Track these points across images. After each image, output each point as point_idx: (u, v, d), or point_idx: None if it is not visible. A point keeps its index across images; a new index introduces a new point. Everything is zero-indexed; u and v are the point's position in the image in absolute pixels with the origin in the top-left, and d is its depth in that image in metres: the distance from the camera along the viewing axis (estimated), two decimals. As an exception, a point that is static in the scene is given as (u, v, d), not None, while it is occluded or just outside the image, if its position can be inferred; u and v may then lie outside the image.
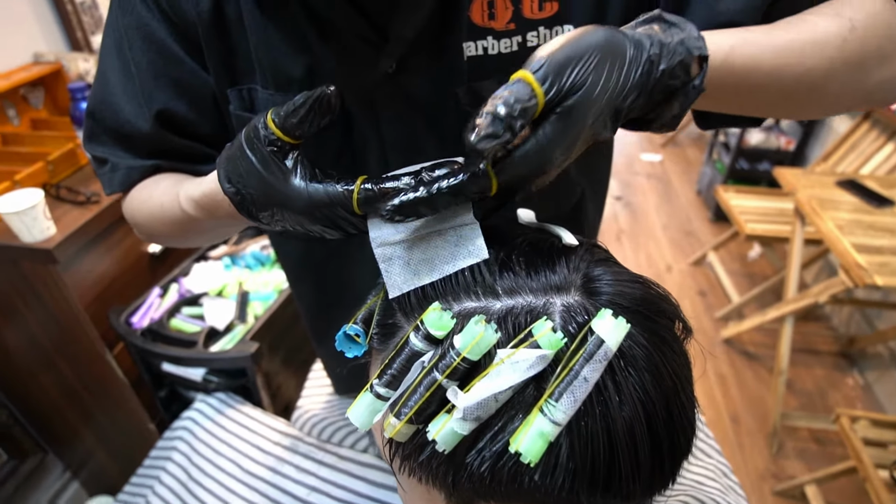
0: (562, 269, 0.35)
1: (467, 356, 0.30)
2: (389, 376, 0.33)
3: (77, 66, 1.47)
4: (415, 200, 0.34)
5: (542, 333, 0.29)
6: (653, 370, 0.32)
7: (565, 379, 0.29)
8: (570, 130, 0.31)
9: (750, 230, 2.15)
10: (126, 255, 1.25)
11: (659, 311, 0.34)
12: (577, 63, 0.31)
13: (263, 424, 1.02)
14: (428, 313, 0.32)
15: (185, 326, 1.19)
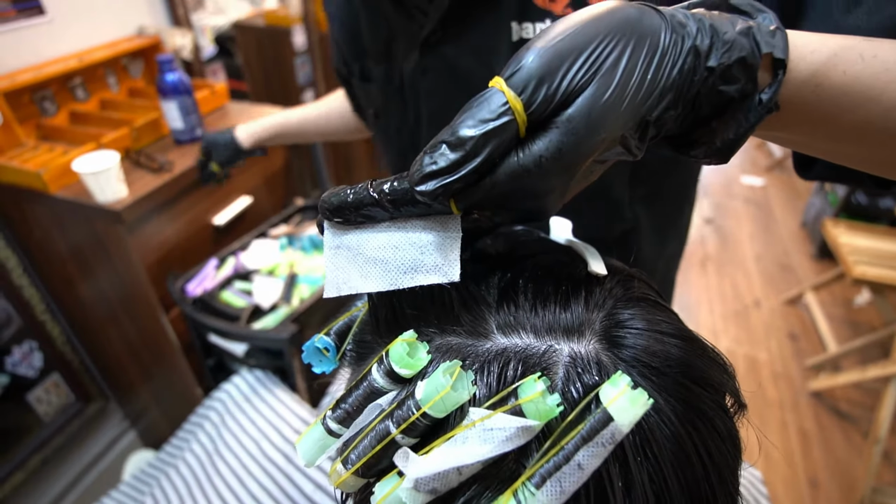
0: (577, 304, 0.27)
1: (428, 412, 0.23)
2: (343, 411, 0.28)
3: (174, 41, 1.54)
4: (356, 202, 0.26)
5: (531, 398, 0.22)
6: (679, 458, 0.24)
7: (552, 460, 0.22)
8: (567, 149, 0.23)
9: (859, 273, 1.88)
10: (191, 223, 1.29)
11: (702, 379, 0.26)
12: (578, 57, 0.23)
13: (289, 409, 1.00)
14: (394, 345, 0.26)
15: (234, 300, 1.21)
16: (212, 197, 1.34)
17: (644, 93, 0.23)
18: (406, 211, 0.26)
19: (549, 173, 0.23)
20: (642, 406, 0.22)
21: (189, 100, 1.25)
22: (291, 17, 2.13)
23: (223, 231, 1.38)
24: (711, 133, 0.26)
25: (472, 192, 0.24)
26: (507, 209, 0.25)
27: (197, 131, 1.31)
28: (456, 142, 0.23)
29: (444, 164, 0.23)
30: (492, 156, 0.23)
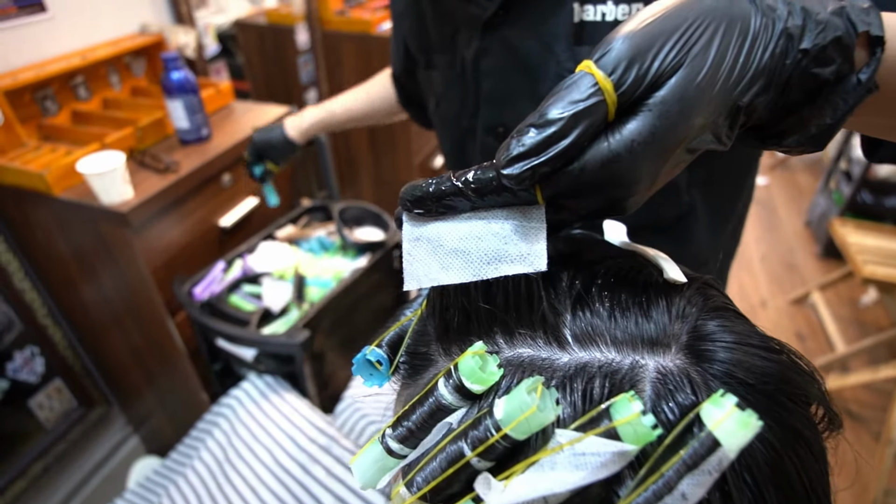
0: (660, 315, 0.25)
1: (510, 433, 0.21)
2: (406, 430, 0.25)
3: (177, 39, 1.52)
4: (437, 192, 0.26)
5: (627, 419, 0.20)
6: (780, 483, 0.22)
7: (651, 488, 0.20)
8: (660, 133, 0.22)
9: (869, 273, 1.87)
10: (197, 225, 1.27)
11: (797, 394, 0.24)
12: (669, 40, 0.22)
13: (303, 417, 0.98)
14: (464, 358, 0.24)
15: (243, 304, 1.18)
16: (218, 198, 1.31)
17: (736, 76, 0.23)
18: (490, 200, 0.25)
19: (641, 159, 0.22)
20: (752, 429, 0.20)
21: (195, 99, 1.23)
22: (294, 16, 2.10)
23: (230, 233, 1.35)
24: (802, 120, 0.25)
25: (558, 178, 0.23)
26: (593, 198, 0.24)
27: (203, 131, 1.29)
28: (544, 123, 0.22)
29: (531, 146, 0.22)
30: (581, 138, 0.22)
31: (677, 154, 0.23)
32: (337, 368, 1.31)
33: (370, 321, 1.39)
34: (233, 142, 1.31)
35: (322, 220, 1.49)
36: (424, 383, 0.28)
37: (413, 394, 0.29)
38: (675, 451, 0.20)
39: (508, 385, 0.24)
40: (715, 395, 0.21)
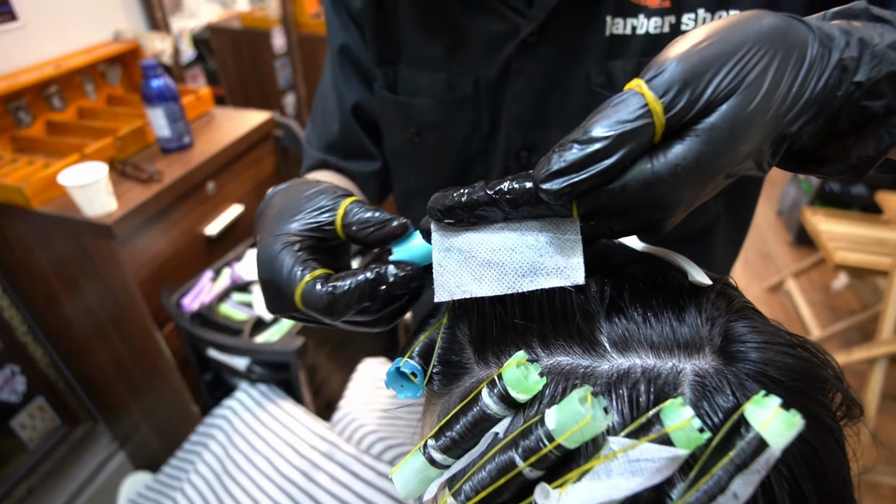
0: (692, 318, 0.26)
1: (563, 443, 0.22)
2: (449, 440, 0.26)
3: (153, 45, 1.49)
4: (469, 202, 0.26)
5: (680, 425, 0.21)
6: (816, 475, 0.23)
7: (703, 489, 0.21)
8: (706, 159, 0.22)
9: (840, 259, 1.94)
10: (183, 235, 1.25)
11: (822, 388, 0.25)
12: (725, 65, 0.22)
13: (302, 424, 0.98)
14: (509, 367, 0.24)
15: (234, 313, 1.17)
16: (203, 207, 1.29)
17: (787, 105, 0.22)
18: (524, 212, 0.25)
19: (683, 184, 0.22)
20: (796, 428, 0.21)
21: (176, 106, 1.21)
22: (270, 20, 2.08)
23: (216, 241, 1.33)
24: (845, 149, 0.25)
25: (597, 195, 0.23)
26: (628, 217, 0.24)
27: (185, 139, 1.26)
28: (587, 140, 0.22)
29: (573, 161, 0.22)
30: (624, 159, 0.22)
31: (718, 179, 0.23)
32: (329, 375, 1.30)
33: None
34: (215, 149, 1.29)
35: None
36: (461, 392, 0.29)
37: (448, 402, 0.29)
38: (723, 452, 0.21)
39: (553, 394, 0.24)
40: (757, 395, 0.22)
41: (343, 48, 0.60)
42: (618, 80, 0.50)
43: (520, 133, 0.55)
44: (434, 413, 0.30)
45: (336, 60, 0.62)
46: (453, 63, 0.55)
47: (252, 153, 1.43)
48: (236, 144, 1.35)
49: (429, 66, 0.56)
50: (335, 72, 0.63)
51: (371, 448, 0.89)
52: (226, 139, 1.33)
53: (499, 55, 0.51)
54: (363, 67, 0.61)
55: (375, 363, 1.10)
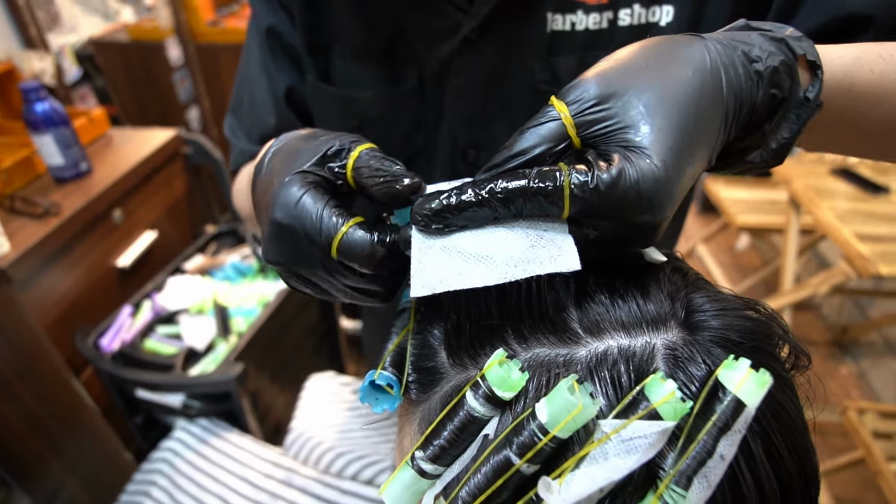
0: (656, 295, 0.27)
1: (558, 434, 0.22)
2: (437, 448, 0.25)
3: (31, 65, 1.35)
4: (460, 203, 0.26)
5: (665, 399, 0.22)
6: (783, 426, 0.25)
7: (692, 454, 0.22)
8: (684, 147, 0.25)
9: (742, 221, 2.12)
10: (91, 270, 1.14)
11: (775, 343, 0.27)
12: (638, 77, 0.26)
13: (253, 455, 0.93)
14: (491, 367, 0.24)
15: (161, 348, 1.09)
16: (111, 237, 1.19)
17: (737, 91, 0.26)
18: (515, 211, 0.26)
19: (672, 177, 0.24)
20: (766, 385, 0.22)
21: (67, 131, 1.10)
22: (162, 30, 1.95)
23: (130, 273, 1.23)
24: (763, 136, 0.28)
25: (590, 196, 0.24)
26: (619, 222, 0.25)
27: (81, 165, 1.16)
28: (511, 142, 0.27)
29: (503, 158, 0.26)
30: (543, 154, 0.26)
31: (696, 168, 0.26)
32: (273, 398, 1.25)
33: (300, 341, 1.34)
34: (118, 174, 1.19)
35: (233, 245, 1.40)
36: (440, 397, 0.28)
37: (429, 409, 0.28)
38: (705, 417, 0.22)
39: (538, 386, 0.24)
40: (728, 360, 0.23)
41: (272, 31, 0.57)
42: (562, 76, 0.50)
43: (466, 130, 0.54)
44: (414, 422, 0.29)
45: (265, 45, 0.58)
46: (396, 57, 0.53)
47: (160, 175, 1.34)
48: (141, 167, 1.25)
49: (368, 58, 0.54)
50: (265, 58, 0.59)
51: (331, 466, 0.86)
52: (128, 162, 1.23)
53: (441, 51, 0.50)
54: (296, 53, 0.58)
55: (324, 378, 1.07)
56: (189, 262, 1.29)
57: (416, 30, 0.51)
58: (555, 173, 0.25)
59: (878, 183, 1.69)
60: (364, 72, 0.54)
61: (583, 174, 0.24)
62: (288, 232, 0.29)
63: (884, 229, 1.51)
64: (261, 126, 0.61)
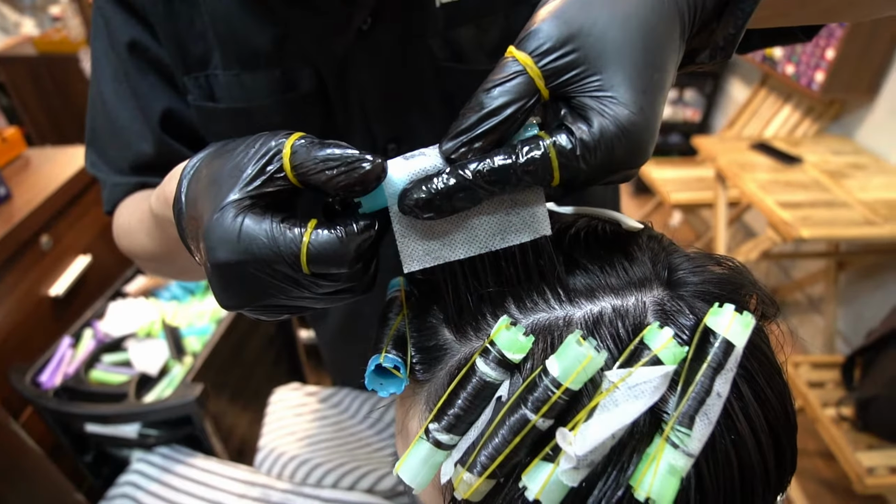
0: (640, 259, 0.29)
1: (571, 386, 0.23)
2: (452, 417, 0.26)
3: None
4: (448, 190, 0.25)
5: (665, 345, 0.23)
6: (763, 367, 0.27)
7: (692, 395, 0.23)
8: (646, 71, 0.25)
9: (675, 199, 2.24)
10: (21, 302, 1.06)
11: (746, 291, 0.30)
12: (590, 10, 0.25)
13: (223, 477, 0.89)
14: (499, 331, 0.25)
15: (110, 377, 1.02)
16: (40, 265, 1.11)
17: None
18: (504, 188, 0.25)
19: (650, 119, 0.24)
20: (750, 324, 0.24)
21: (-21, 155, 1.01)
22: (73, 41, 1.83)
23: (65, 302, 1.15)
24: (711, 34, 0.29)
25: (577, 163, 0.24)
26: (606, 172, 0.25)
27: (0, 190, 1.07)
28: (477, 105, 0.25)
29: (468, 125, 0.25)
30: (515, 114, 0.25)
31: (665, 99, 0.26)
32: (236, 417, 1.20)
33: (259, 356, 1.30)
34: (41, 197, 1.11)
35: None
36: (446, 372, 0.28)
37: (436, 385, 0.29)
38: (700, 361, 0.24)
39: (544, 346, 0.25)
40: (713, 307, 0.25)
41: (136, 47, 0.49)
42: (463, 49, 0.49)
43: (382, 126, 0.52)
44: (421, 402, 0.30)
45: (129, 63, 0.50)
46: (286, 58, 0.48)
47: (88, 195, 1.26)
48: (67, 188, 1.17)
49: (256, 65, 0.48)
50: (131, 79, 0.50)
51: (308, 478, 0.84)
52: (52, 184, 1.15)
53: (336, 46, 0.47)
54: (165, 69, 0.50)
55: (288, 391, 1.04)
56: (130, 284, 1.22)
57: (303, 29, 0.47)
58: (539, 145, 0.24)
59: (792, 154, 1.83)
60: (255, 80, 0.49)
61: (566, 140, 0.24)
62: (239, 270, 0.26)
63: (800, 196, 1.64)
64: (132, 155, 0.52)
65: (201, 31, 0.47)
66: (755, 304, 0.31)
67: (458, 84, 0.50)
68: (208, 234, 0.26)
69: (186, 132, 0.53)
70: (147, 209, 0.43)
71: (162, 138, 0.52)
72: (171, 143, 0.52)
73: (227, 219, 0.26)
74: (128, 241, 0.52)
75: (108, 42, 0.50)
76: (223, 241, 0.25)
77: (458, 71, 0.50)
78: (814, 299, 2.14)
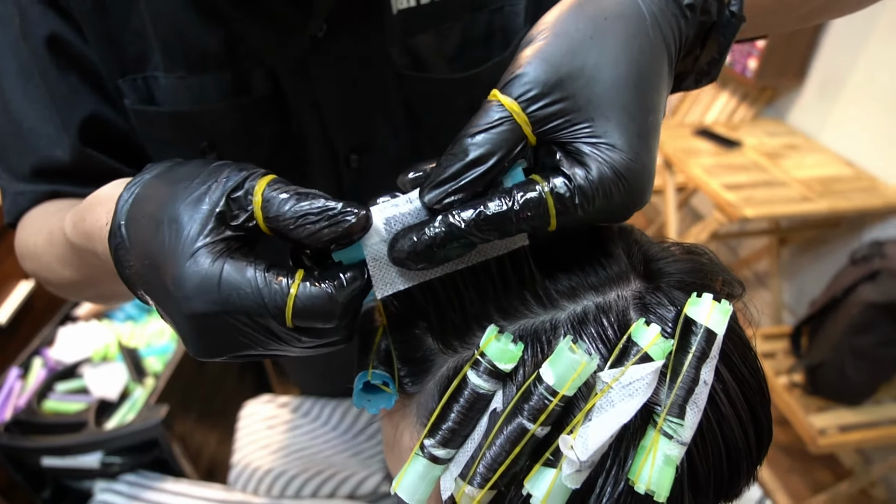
0: (616, 255, 0.29)
1: (567, 393, 0.23)
2: (447, 432, 0.26)
3: None
4: (442, 239, 0.24)
5: (653, 341, 0.24)
6: (739, 348, 0.28)
7: (680, 386, 0.24)
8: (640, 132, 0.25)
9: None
10: (-40, 335, 0.99)
11: (715, 277, 0.31)
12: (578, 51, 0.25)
13: (197, 498, 0.86)
14: (489, 342, 0.25)
15: (65, 406, 0.97)
16: (-23, 294, 1.04)
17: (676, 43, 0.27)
18: (500, 235, 0.24)
19: (646, 161, 0.25)
20: (728, 311, 0.25)
21: None
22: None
23: (10, 331, 1.08)
24: (696, 60, 0.30)
25: (574, 209, 0.24)
26: (604, 217, 0.25)
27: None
28: (461, 152, 0.24)
29: (450, 173, 0.24)
30: (500, 162, 0.24)
31: (658, 135, 0.26)
32: (204, 437, 1.16)
33: (223, 371, 1.26)
34: (-26, 220, 1.03)
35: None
36: (435, 384, 0.29)
37: (426, 398, 0.29)
38: (685, 351, 0.25)
39: (533, 353, 0.26)
40: (692, 297, 0.26)
41: (56, 41, 0.44)
42: (423, 56, 0.48)
43: (344, 135, 0.50)
44: (411, 415, 0.30)
45: (47, 59, 0.45)
46: (238, 60, 0.45)
47: (26, 215, 1.18)
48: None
49: (203, 67, 0.45)
50: (48, 78, 0.45)
51: (286, 490, 0.83)
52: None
53: (291, 51, 0.45)
54: (91, 69, 0.45)
55: (259, 404, 1.01)
56: (79, 307, 1.16)
57: (254, 34, 0.44)
58: (536, 191, 0.24)
59: (732, 138, 1.92)
60: (203, 83, 0.45)
61: (562, 187, 0.24)
62: (218, 322, 0.24)
63: (742, 178, 1.72)
64: (38, 160, 0.46)
65: (139, 29, 0.43)
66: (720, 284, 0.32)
67: (420, 92, 0.50)
68: (181, 283, 0.24)
69: (112, 140, 0.48)
70: (58, 232, 0.38)
71: (80, 146, 0.46)
72: (91, 151, 0.47)
73: (202, 266, 0.24)
74: (34, 265, 0.46)
75: (19, 33, 0.44)
76: (201, 290, 0.24)
77: (418, 79, 0.49)
78: (760, 275, 2.25)
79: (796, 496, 1.61)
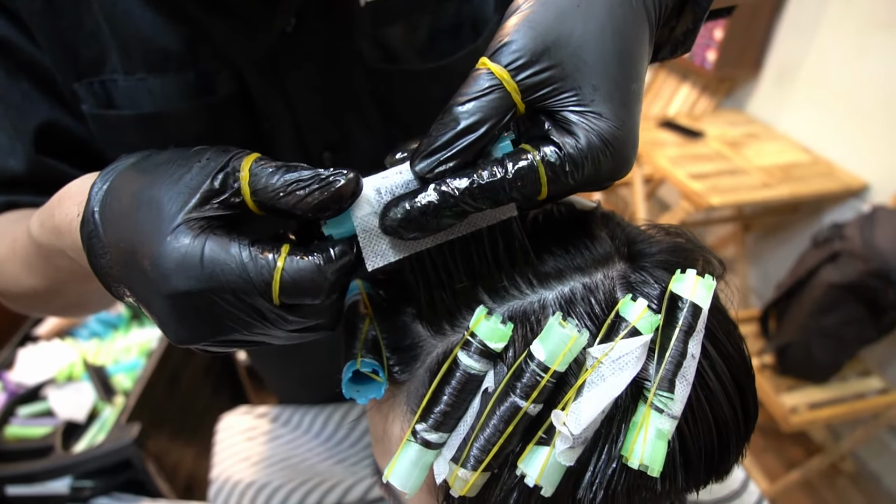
0: (600, 237, 0.29)
1: (558, 369, 0.23)
2: (440, 414, 0.25)
3: None
4: (435, 208, 0.23)
5: (641, 315, 0.24)
6: (721, 323, 0.29)
7: (668, 360, 0.24)
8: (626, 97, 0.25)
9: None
10: None
11: (695, 255, 0.31)
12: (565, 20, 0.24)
13: (175, 517, 0.83)
14: (479, 322, 0.25)
15: (29, 431, 0.92)
16: (-72, 318, 0.98)
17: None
18: (492, 203, 0.24)
19: (631, 128, 0.24)
20: (712, 285, 0.25)
21: None
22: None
23: (-36, 355, 1.03)
24: (672, 31, 0.30)
25: (565, 176, 0.24)
26: (592, 184, 0.25)
27: None
28: (452, 121, 0.24)
29: (441, 142, 0.24)
30: (491, 130, 0.24)
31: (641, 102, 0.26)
32: (180, 454, 1.12)
33: (197, 385, 1.22)
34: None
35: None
36: (425, 370, 0.28)
37: (416, 385, 0.28)
38: (672, 326, 0.25)
39: (523, 332, 0.25)
40: (676, 274, 0.26)
41: (3, 47, 0.42)
42: (393, 49, 0.48)
43: (315, 133, 0.49)
44: (402, 403, 0.29)
45: None
46: (201, 59, 0.44)
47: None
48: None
49: (164, 67, 0.43)
50: None
51: (270, 502, 0.80)
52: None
53: (258, 48, 0.44)
54: (43, 75, 0.44)
55: (237, 416, 0.99)
56: (40, 326, 1.11)
57: (218, 31, 0.43)
58: (528, 160, 0.24)
59: (695, 129, 1.97)
60: (165, 84, 0.44)
61: (553, 155, 0.24)
62: (199, 301, 0.23)
63: (706, 167, 1.77)
64: (1, 172, 0.45)
65: (93, 30, 0.42)
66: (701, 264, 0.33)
67: (392, 85, 0.49)
68: (160, 260, 0.23)
69: (70, 147, 0.46)
70: (22, 237, 0.37)
71: (36, 155, 0.44)
72: (48, 160, 0.45)
73: (183, 242, 0.23)
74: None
75: None
76: (183, 267, 0.22)
77: (390, 72, 0.49)
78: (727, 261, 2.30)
79: (772, 474, 1.66)
